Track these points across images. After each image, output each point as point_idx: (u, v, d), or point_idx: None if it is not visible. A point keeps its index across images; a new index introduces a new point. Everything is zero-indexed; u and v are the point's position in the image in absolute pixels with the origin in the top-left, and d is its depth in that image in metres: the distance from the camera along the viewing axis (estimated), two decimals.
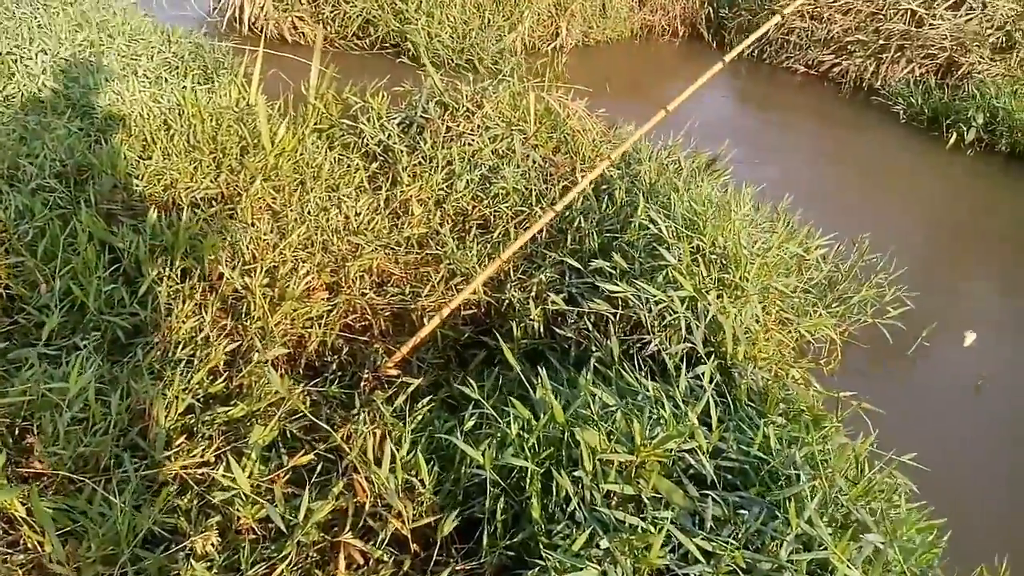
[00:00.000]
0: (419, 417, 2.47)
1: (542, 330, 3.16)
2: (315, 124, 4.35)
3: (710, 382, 2.55)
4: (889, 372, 3.68)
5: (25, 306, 2.56)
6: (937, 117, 6.87)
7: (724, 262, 3.17)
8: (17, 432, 2.06)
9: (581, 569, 1.85)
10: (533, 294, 3.28)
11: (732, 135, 5.71)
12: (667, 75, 8.55)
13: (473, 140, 4.18)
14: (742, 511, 2.05)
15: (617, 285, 2.99)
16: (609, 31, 9.00)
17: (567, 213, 3.75)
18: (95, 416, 2.08)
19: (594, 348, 2.95)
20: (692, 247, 3.19)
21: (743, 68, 8.66)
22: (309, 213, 3.47)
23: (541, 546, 1.98)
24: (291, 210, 3.44)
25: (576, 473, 2.09)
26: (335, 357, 2.91)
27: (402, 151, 4.09)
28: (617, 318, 3.01)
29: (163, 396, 2.18)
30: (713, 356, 2.75)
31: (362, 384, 2.72)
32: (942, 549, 2.22)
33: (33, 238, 2.83)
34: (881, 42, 7.83)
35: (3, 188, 2.96)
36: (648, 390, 2.46)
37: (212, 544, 1.83)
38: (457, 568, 2.03)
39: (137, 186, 3.36)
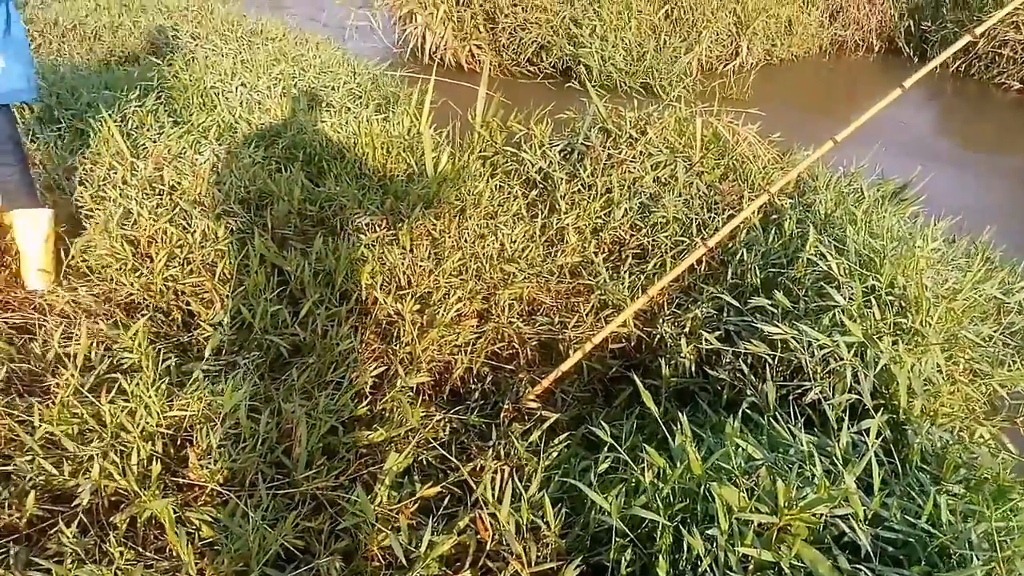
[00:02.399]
0: (554, 454, 2.42)
1: (693, 369, 3.01)
2: (479, 151, 4.45)
3: (877, 438, 2.30)
4: None
5: (201, 323, 2.79)
6: None
7: (902, 304, 2.87)
8: (179, 443, 2.23)
9: None
10: (686, 330, 3.14)
11: (930, 159, 5.24)
12: (859, 94, 7.99)
13: (634, 167, 4.09)
14: None
15: (777, 326, 2.79)
16: (795, 48, 8.58)
17: (730, 245, 3.58)
18: (245, 433, 2.21)
19: (748, 392, 2.77)
20: (866, 287, 2.92)
21: (948, 85, 7.92)
22: (466, 240, 3.53)
23: None
24: (449, 237, 3.52)
25: (711, 531, 1.94)
26: (479, 385, 2.93)
27: (561, 179, 4.08)
28: (776, 361, 2.81)
29: (308, 416, 2.28)
30: (883, 410, 2.49)
31: (502, 415, 2.72)
32: None
33: (214, 260, 3.08)
34: None
35: (193, 213, 3.25)
36: (802, 444, 2.26)
37: (336, 568, 1.87)
38: None
39: (310, 212, 3.58)
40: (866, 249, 3.15)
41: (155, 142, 3.90)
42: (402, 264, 3.26)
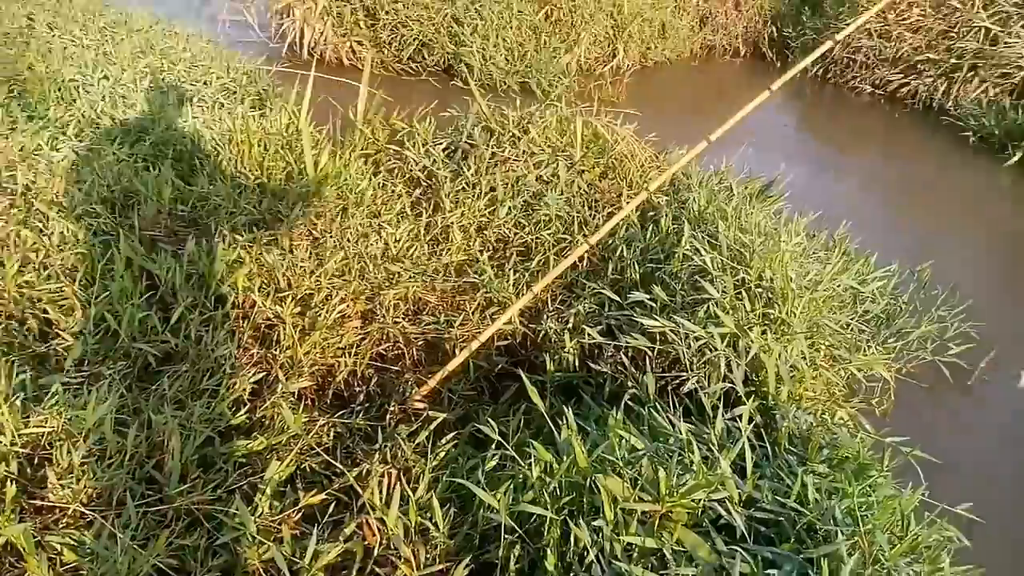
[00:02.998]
0: (442, 454, 2.41)
1: (577, 363, 3.07)
2: (362, 149, 4.37)
3: (748, 423, 2.42)
4: (947, 412, 3.45)
5: (60, 332, 2.61)
6: (1010, 139, 6.50)
7: (770, 296, 3.03)
8: (37, 462, 2.08)
9: None
10: (570, 325, 3.19)
11: (791, 158, 5.55)
12: (728, 96, 8.37)
13: (518, 166, 4.13)
14: (772, 569, 1.92)
15: (655, 319, 2.88)
16: (668, 51, 8.88)
17: (610, 241, 3.67)
18: (111, 448, 2.08)
19: (630, 384, 2.85)
20: (737, 280, 3.06)
21: (806, 89, 8.41)
22: (348, 240, 3.46)
23: None
24: (331, 236, 3.44)
25: (597, 523, 1.99)
26: (364, 387, 2.88)
27: (446, 177, 4.07)
28: (655, 353, 2.90)
29: (181, 428, 2.17)
30: (754, 396, 2.62)
31: (388, 417, 2.68)
32: None
33: (75, 264, 2.88)
34: (953, 61, 7.50)
35: (50, 214, 3.03)
36: (681, 432, 2.35)
37: None
38: None
39: (181, 212, 3.41)
40: (737, 244, 3.31)
41: (7, 138, 3.61)
42: (281, 265, 3.16)
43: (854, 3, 8.26)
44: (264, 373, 2.66)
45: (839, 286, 3.41)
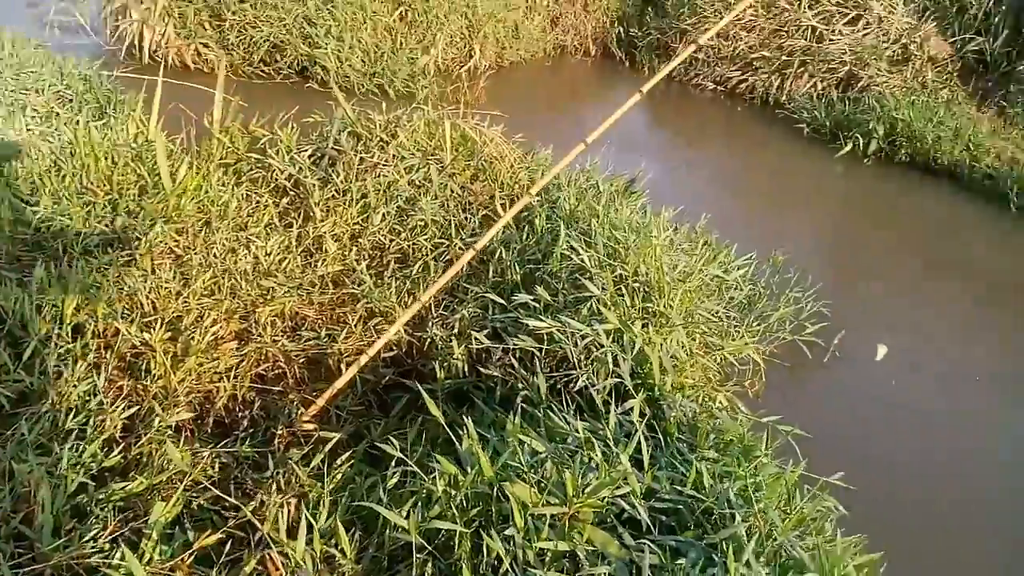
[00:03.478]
0: (338, 476, 2.33)
1: (466, 369, 3.06)
2: (220, 159, 4.14)
3: (641, 417, 2.50)
4: (809, 388, 3.72)
5: None
6: (839, 130, 7.07)
7: (647, 290, 3.14)
8: None
9: None
10: (456, 331, 3.17)
11: (646, 155, 5.78)
12: (581, 94, 8.61)
13: (388, 171, 4.06)
14: (680, 558, 1.99)
15: (541, 319, 2.91)
16: (522, 51, 9.02)
17: (487, 244, 3.67)
18: None
19: (520, 386, 2.86)
20: (615, 276, 3.15)
21: (656, 87, 8.78)
22: (215, 256, 3.28)
23: None
24: (195, 253, 3.25)
25: (508, 531, 1.98)
26: (246, 412, 2.74)
27: (314, 185, 3.93)
28: (543, 353, 2.93)
29: (48, 475, 1.98)
30: (641, 388, 2.70)
31: (276, 441, 2.56)
32: None
33: None
34: (784, 58, 8.07)
35: None
36: (578, 431, 2.38)
37: None
38: None
39: (24, 235, 3.11)
40: (611, 241, 3.40)
41: None
42: (144, 288, 2.94)
43: (693, 4, 8.71)
44: (136, 407, 2.47)
45: (707, 276, 3.58)
